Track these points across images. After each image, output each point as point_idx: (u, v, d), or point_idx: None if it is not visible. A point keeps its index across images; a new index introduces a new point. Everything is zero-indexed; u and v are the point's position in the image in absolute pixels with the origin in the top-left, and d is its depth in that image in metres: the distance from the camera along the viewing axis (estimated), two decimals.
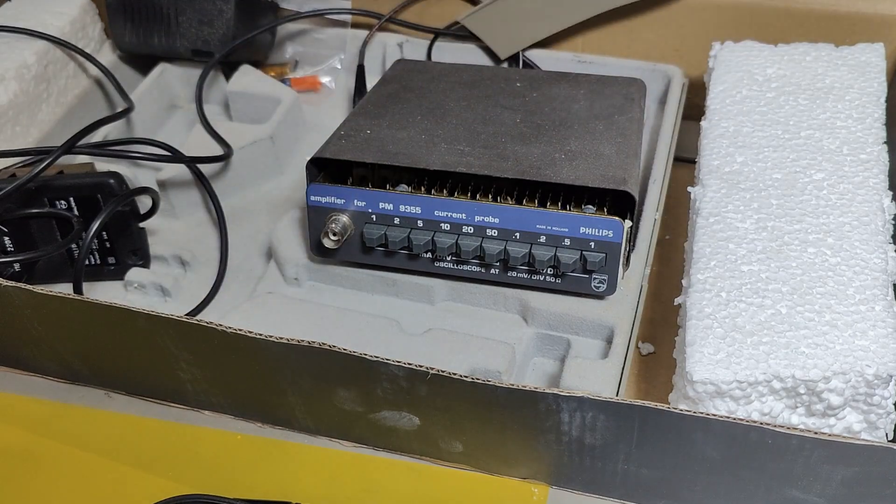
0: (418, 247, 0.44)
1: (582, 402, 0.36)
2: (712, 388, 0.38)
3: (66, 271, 0.51)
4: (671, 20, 0.60)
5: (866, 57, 0.52)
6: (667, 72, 0.59)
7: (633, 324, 0.45)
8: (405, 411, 0.41)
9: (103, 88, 0.64)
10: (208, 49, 0.62)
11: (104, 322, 0.42)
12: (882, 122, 0.48)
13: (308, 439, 0.46)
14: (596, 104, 0.49)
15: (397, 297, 0.48)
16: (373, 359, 0.37)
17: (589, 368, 0.43)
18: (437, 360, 0.41)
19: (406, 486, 0.44)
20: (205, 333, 0.40)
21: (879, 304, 0.40)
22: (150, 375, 0.46)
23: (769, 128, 0.49)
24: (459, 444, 0.42)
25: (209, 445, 0.46)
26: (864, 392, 0.38)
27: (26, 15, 0.61)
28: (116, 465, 0.45)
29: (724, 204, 0.45)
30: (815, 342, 0.38)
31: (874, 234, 0.43)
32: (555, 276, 0.45)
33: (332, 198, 0.45)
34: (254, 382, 0.43)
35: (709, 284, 0.42)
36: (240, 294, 0.51)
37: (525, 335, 0.46)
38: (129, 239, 0.52)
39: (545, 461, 0.41)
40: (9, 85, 0.57)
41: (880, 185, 0.45)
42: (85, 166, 0.52)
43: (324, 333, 0.42)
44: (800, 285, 0.41)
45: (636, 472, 0.40)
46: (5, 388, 0.49)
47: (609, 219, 0.42)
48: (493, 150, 0.44)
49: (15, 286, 0.41)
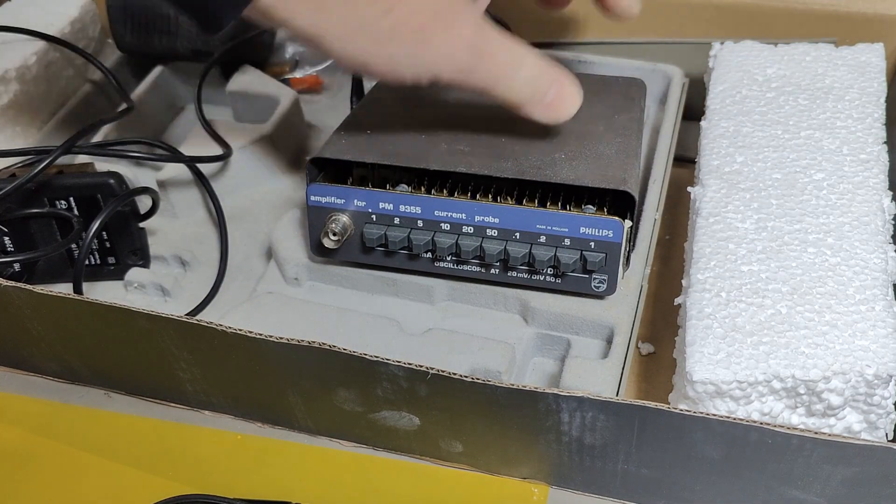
0: (418, 247, 0.44)
1: (582, 402, 0.36)
2: (712, 388, 0.38)
3: (66, 271, 0.51)
4: (671, 20, 0.60)
5: (866, 57, 0.52)
6: (667, 72, 0.59)
7: (633, 324, 0.45)
8: (405, 411, 0.41)
9: (103, 88, 0.64)
10: (208, 49, 0.62)
11: (104, 322, 0.42)
12: (882, 122, 0.48)
13: (308, 439, 0.46)
14: (596, 104, 0.49)
15: (397, 297, 0.48)
16: (373, 359, 0.37)
17: (589, 368, 0.43)
18: (437, 360, 0.41)
19: (406, 486, 0.44)
20: (205, 333, 0.40)
21: (879, 304, 0.40)
22: (150, 375, 0.46)
23: (769, 128, 0.49)
24: (459, 444, 0.42)
25: (209, 445, 0.46)
26: (864, 392, 0.38)
27: (26, 15, 0.61)
28: (116, 465, 0.45)
29: (724, 204, 0.45)
30: (815, 342, 0.38)
31: (874, 234, 0.43)
32: (555, 276, 0.45)
33: (332, 198, 0.45)
34: (254, 382, 0.43)
35: (709, 284, 0.42)
36: (240, 294, 0.51)
37: (525, 335, 0.46)
38: (129, 239, 0.52)
39: (545, 461, 0.41)
40: (9, 85, 0.57)
41: (880, 185, 0.45)
42: (85, 166, 0.52)
43: (324, 333, 0.42)
44: (800, 285, 0.41)
45: (636, 472, 0.40)
46: (5, 388, 0.49)
47: (609, 219, 0.42)
48: (493, 149, 0.44)
49: (15, 286, 0.41)
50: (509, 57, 0.41)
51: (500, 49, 0.40)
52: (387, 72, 0.39)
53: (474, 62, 0.39)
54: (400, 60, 0.38)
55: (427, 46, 0.38)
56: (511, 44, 0.41)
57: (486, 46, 0.40)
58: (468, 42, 0.39)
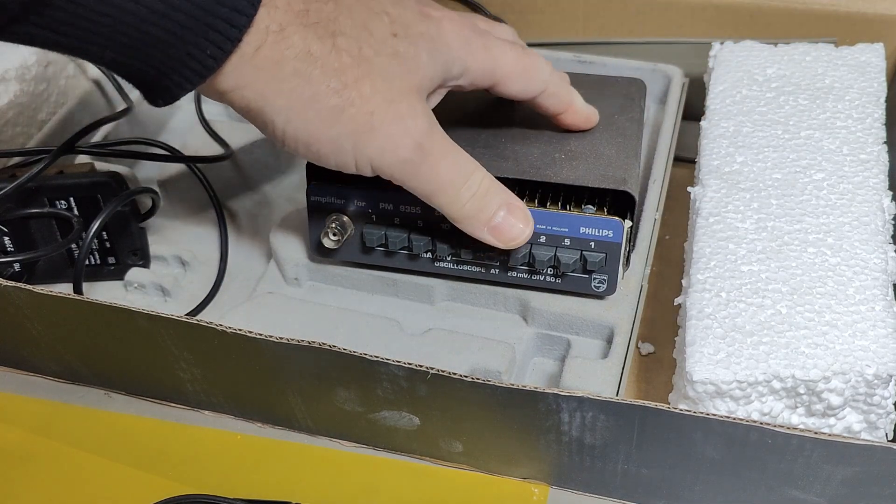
0: (418, 247, 0.44)
1: (582, 401, 0.36)
2: (712, 388, 0.38)
3: (66, 271, 0.51)
4: (671, 20, 0.60)
5: (866, 57, 0.52)
6: (667, 72, 0.59)
7: (633, 324, 0.45)
8: (405, 411, 0.41)
9: (103, 88, 0.64)
10: None
11: (104, 322, 0.42)
12: (882, 122, 0.48)
13: (308, 439, 0.46)
14: (596, 104, 0.49)
15: (397, 297, 0.48)
16: (373, 359, 0.37)
17: (589, 368, 0.43)
18: (437, 360, 0.41)
19: (406, 486, 0.44)
20: (205, 333, 0.40)
21: (879, 304, 0.40)
22: (150, 375, 0.46)
23: (769, 128, 0.49)
24: (459, 444, 0.42)
25: (209, 445, 0.46)
26: (864, 392, 0.38)
27: None
28: (116, 465, 0.45)
29: (724, 204, 0.45)
30: (815, 342, 0.38)
31: (874, 234, 0.43)
32: (555, 275, 0.45)
33: (332, 198, 0.45)
34: (254, 382, 0.43)
35: (709, 284, 0.42)
36: (240, 294, 0.51)
37: (525, 335, 0.46)
38: (129, 239, 0.52)
39: (545, 461, 0.41)
40: (9, 85, 0.57)
41: (880, 185, 0.45)
42: (85, 166, 0.52)
43: (324, 333, 0.42)
44: (800, 285, 0.41)
45: (636, 472, 0.40)
46: (5, 388, 0.49)
47: (609, 219, 0.42)
48: (492, 149, 0.44)
49: (15, 286, 0.41)
50: (455, 167, 0.39)
51: (447, 155, 0.39)
52: (327, 154, 0.37)
53: (418, 162, 0.38)
54: (342, 145, 0.37)
55: (373, 134, 0.37)
56: (459, 155, 0.39)
57: (432, 148, 0.38)
58: (415, 140, 0.37)
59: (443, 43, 0.39)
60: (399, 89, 0.37)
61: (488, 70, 0.41)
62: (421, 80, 0.38)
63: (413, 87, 0.38)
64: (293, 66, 0.35)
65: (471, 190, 0.40)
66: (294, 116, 0.36)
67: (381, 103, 0.37)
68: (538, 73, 0.43)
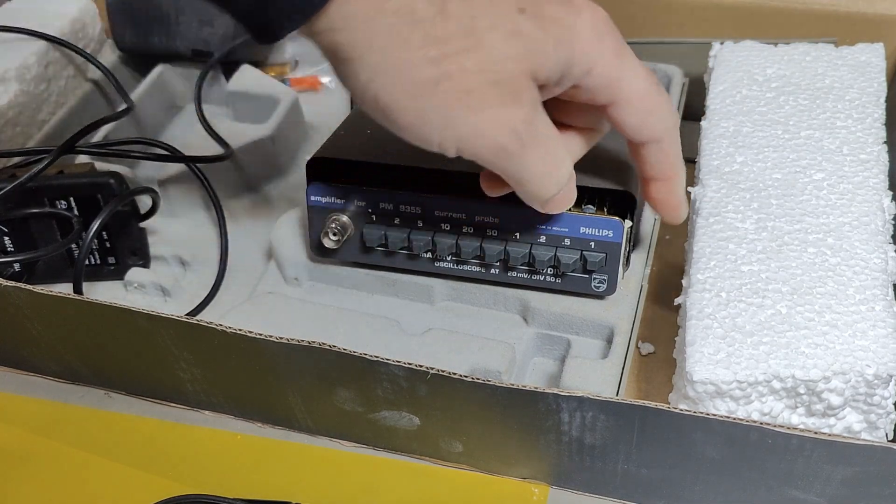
0: (418, 247, 0.44)
1: (582, 401, 0.36)
2: (712, 388, 0.38)
3: (66, 271, 0.51)
4: (671, 20, 0.60)
5: (866, 57, 0.52)
6: (667, 72, 0.59)
7: (633, 324, 0.45)
8: (405, 411, 0.41)
9: (103, 88, 0.64)
10: (208, 49, 0.62)
11: (104, 322, 0.42)
12: (882, 122, 0.48)
13: (308, 439, 0.46)
14: None
15: (397, 297, 0.48)
16: (373, 359, 0.37)
17: (589, 368, 0.43)
18: (437, 360, 0.41)
19: (406, 486, 0.44)
20: (205, 333, 0.40)
21: (879, 304, 0.40)
22: (150, 375, 0.46)
23: (769, 128, 0.49)
24: (459, 444, 0.42)
25: (209, 445, 0.46)
26: (864, 392, 0.38)
27: (26, 15, 0.61)
28: (116, 465, 0.45)
29: (724, 204, 0.45)
30: (815, 342, 0.38)
31: (874, 234, 0.43)
32: (555, 276, 0.45)
33: (332, 198, 0.45)
34: (254, 382, 0.43)
35: (709, 284, 0.42)
36: (240, 294, 0.51)
37: (525, 335, 0.46)
38: (129, 239, 0.52)
39: (545, 461, 0.41)
40: (9, 85, 0.57)
41: (880, 185, 0.45)
42: (85, 166, 0.52)
43: (324, 333, 0.42)
44: (800, 285, 0.41)
45: (636, 472, 0.40)
46: (5, 388, 0.49)
47: (609, 219, 0.42)
48: None
49: (15, 286, 0.41)
50: (549, 156, 0.36)
51: (543, 143, 0.35)
52: (408, 125, 0.33)
53: (511, 151, 0.34)
54: (430, 120, 0.33)
55: (468, 116, 0.33)
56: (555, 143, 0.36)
57: (530, 138, 0.34)
58: (513, 128, 0.33)
59: (575, 33, 0.34)
60: (510, 72, 0.33)
61: (613, 81, 0.35)
62: (538, 68, 0.33)
63: (527, 72, 0.33)
64: (391, 22, 0.31)
65: (559, 182, 0.37)
66: (380, 77, 0.32)
67: (482, 83, 0.32)
68: (664, 117, 0.37)
